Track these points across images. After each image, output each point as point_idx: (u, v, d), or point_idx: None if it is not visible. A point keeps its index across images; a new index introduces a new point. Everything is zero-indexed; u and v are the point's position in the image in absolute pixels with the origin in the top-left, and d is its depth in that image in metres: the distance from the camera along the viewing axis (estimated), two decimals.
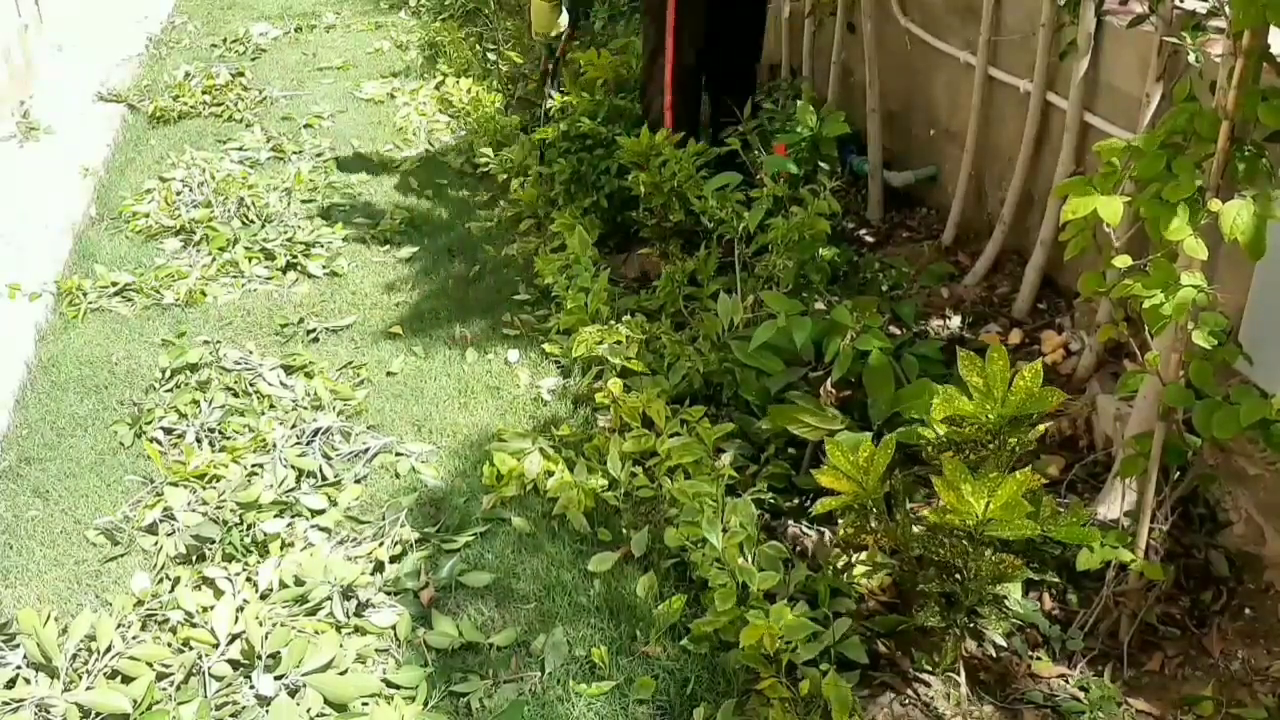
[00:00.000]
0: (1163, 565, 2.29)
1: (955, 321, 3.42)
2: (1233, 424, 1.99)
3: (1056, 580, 2.24)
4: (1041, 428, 2.12)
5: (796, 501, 2.78)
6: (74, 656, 2.34)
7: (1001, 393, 2.08)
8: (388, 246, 4.20)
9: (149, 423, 3.13)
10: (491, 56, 5.62)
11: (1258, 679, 2.25)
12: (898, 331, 3.30)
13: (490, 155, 4.73)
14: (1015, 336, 3.30)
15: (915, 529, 2.22)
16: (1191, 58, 2.52)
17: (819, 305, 3.24)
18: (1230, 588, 2.43)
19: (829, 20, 4.43)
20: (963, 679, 2.25)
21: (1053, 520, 2.10)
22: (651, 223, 3.76)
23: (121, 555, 2.69)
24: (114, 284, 3.88)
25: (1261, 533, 2.44)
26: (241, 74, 6.04)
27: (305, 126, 5.35)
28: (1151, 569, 2.22)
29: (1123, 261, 2.09)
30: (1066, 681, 2.28)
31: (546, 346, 3.47)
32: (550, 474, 2.86)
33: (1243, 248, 1.93)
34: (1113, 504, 2.51)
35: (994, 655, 2.32)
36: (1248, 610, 2.39)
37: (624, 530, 2.71)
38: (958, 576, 2.16)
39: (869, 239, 4.02)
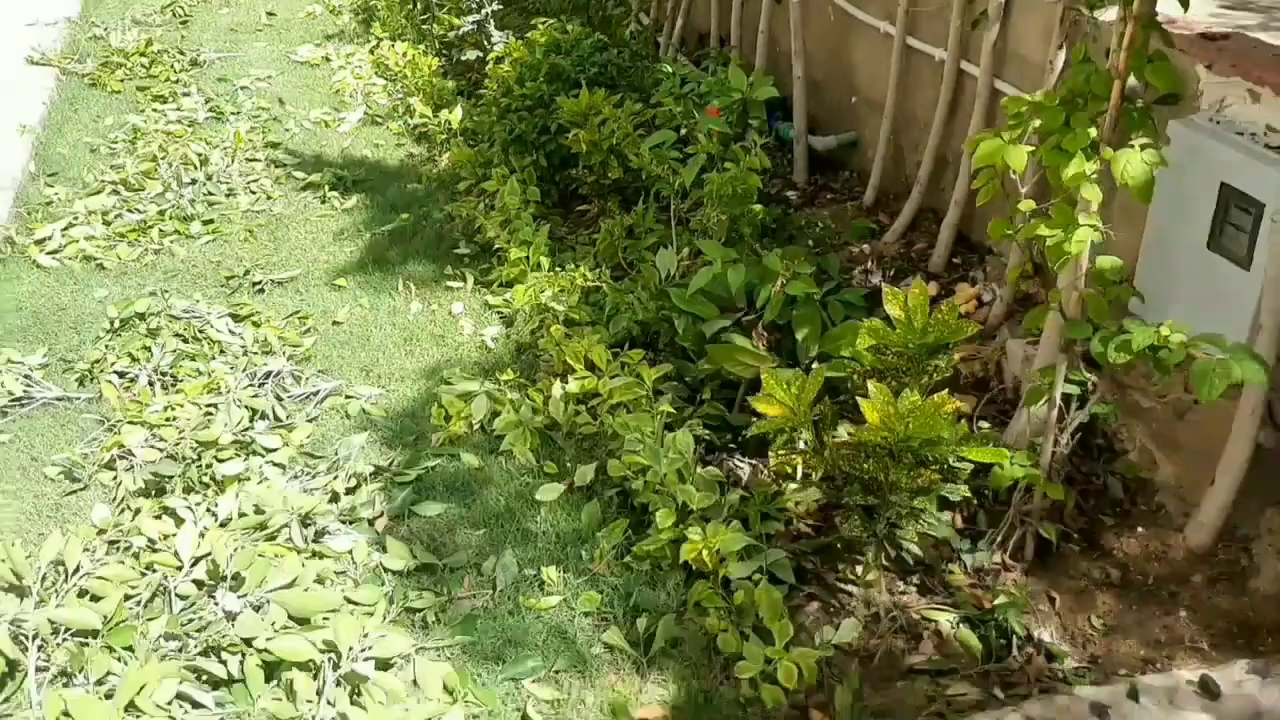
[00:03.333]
0: (1064, 487, 2.51)
1: (876, 277, 3.62)
2: (1126, 349, 2.19)
3: (968, 495, 2.43)
4: (957, 355, 2.32)
5: (730, 438, 2.96)
6: (43, 578, 2.41)
7: (922, 323, 2.28)
8: (329, 204, 4.29)
9: (102, 370, 3.20)
10: (426, 23, 5.69)
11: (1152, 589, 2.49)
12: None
13: (430, 116, 4.82)
14: (932, 289, 3.49)
15: (842, 451, 2.41)
16: (1088, 26, 2.74)
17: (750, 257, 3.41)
18: (1125, 510, 2.67)
19: None
20: (883, 586, 2.45)
21: (966, 442, 2.31)
22: (590, 180, 3.89)
23: (81, 489, 2.78)
24: (59, 237, 3.91)
25: (1154, 460, 2.68)
26: (178, 33, 6.03)
27: (242, 88, 5.39)
28: (1053, 488, 2.45)
29: (1027, 206, 2.31)
30: (978, 590, 2.49)
31: (489, 298, 3.60)
32: (496, 414, 3.00)
33: (1132, 191, 2.15)
34: (1021, 436, 2.73)
35: (911, 564, 2.52)
36: (1140, 529, 2.63)
37: (569, 464, 2.86)
38: (879, 491, 2.36)
39: (795, 200, 4.21)
